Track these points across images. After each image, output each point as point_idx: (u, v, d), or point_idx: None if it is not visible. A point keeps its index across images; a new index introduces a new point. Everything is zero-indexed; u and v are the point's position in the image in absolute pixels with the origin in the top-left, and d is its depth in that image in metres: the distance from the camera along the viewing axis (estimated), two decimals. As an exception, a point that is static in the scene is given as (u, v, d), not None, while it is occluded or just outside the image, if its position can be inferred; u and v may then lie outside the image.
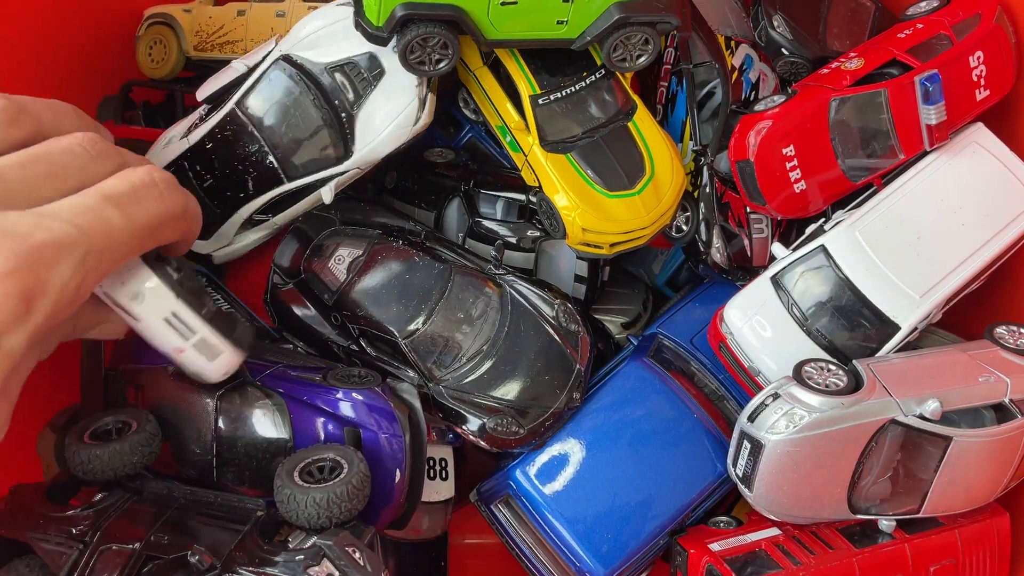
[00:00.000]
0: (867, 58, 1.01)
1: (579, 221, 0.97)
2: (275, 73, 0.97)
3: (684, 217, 1.07)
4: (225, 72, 1.00)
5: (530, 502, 0.99)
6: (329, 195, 0.98)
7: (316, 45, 0.96)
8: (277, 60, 0.97)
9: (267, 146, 0.98)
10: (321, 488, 0.78)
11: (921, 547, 0.92)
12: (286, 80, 0.97)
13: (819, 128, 0.99)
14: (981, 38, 1.00)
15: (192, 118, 1.04)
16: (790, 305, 0.98)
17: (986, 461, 0.91)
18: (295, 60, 0.97)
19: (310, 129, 0.97)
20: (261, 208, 1.01)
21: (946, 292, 0.96)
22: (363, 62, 0.96)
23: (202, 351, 0.79)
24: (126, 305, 0.74)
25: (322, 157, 0.97)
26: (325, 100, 0.96)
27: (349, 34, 0.95)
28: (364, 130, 0.96)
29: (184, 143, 1.01)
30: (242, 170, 0.99)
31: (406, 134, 0.96)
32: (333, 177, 0.98)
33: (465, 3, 0.89)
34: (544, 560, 1.00)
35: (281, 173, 0.98)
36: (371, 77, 0.96)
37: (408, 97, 0.95)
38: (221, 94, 1.00)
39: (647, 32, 0.94)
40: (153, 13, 1.21)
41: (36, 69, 1.13)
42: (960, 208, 0.99)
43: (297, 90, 0.96)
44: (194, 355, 0.79)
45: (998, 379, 0.91)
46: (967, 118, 1.02)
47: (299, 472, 0.80)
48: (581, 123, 1.00)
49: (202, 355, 0.79)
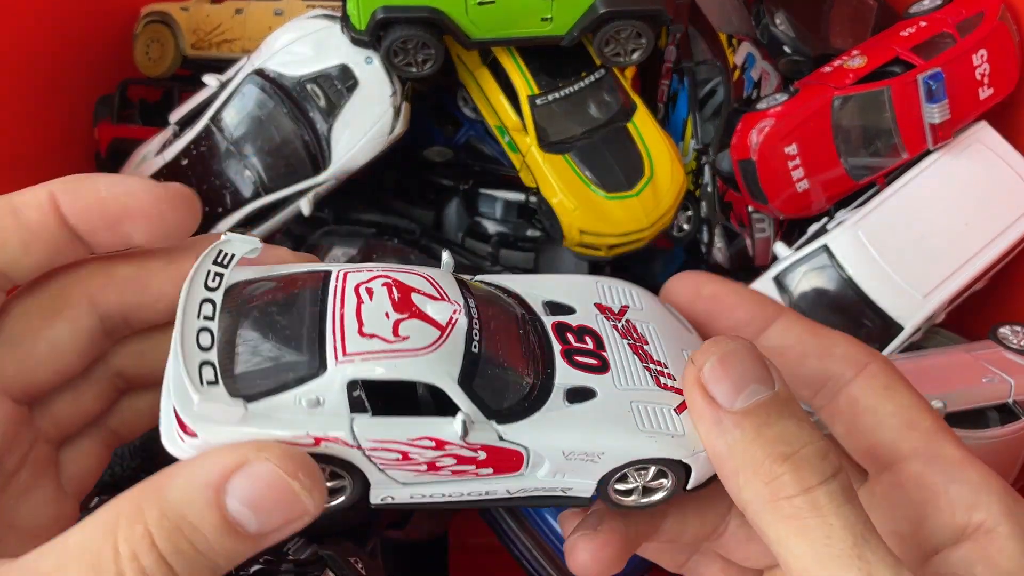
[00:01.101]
0: (870, 56, 1.00)
1: (576, 223, 0.96)
2: (248, 87, 0.97)
3: (686, 216, 1.07)
4: (199, 94, 1.01)
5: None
6: (308, 207, 0.98)
7: (288, 58, 0.96)
8: (250, 74, 0.97)
9: (243, 160, 0.97)
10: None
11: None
12: (259, 94, 0.97)
13: (822, 127, 0.98)
14: (985, 36, 0.99)
15: (165, 135, 1.04)
16: (793, 305, 0.97)
17: (990, 462, 0.90)
18: (268, 74, 0.97)
19: (285, 142, 0.97)
20: (239, 223, 1.01)
21: (950, 292, 0.95)
22: (336, 73, 0.96)
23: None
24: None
25: (299, 169, 0.97)
26: (300, 113, 0.96)
27: (321, 46, 0.96)
28: (339, 141, 0.96)
29: (160, 160, 1.01)
30: (219, 185, 0.99)
31: (382, 144, 0.96)
32: (311, 189, 0.97)
33: (442, 4, 0.89)
34: (544, 562, 0.99)
35: (258, 187, 0.98)
36: (344, 88, 0.96)
37: (383, 107, 0.95)
38: (194, 113, 1.00)
39: (637, 25, 0.93)
40: (150, 11, 1.21)
41: (33, 68, 1.13)
42: (964, 207, 0.98)
43: (271, 103, 0.96)
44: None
45: (1002, 380, 0.90)
46: (971, 117, 1.01)
47: None
48: (580, 124, 0.99)
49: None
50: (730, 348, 0.40)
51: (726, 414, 0.39)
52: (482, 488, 0.42)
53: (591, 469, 0.42)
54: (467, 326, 0.41)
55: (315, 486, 0.37)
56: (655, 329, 0.47)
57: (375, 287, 0.42)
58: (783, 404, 0.39)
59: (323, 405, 0.39)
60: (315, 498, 0.37)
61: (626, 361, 0.44)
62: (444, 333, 0.40)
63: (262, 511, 0.36)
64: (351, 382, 0.39)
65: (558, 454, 0.41)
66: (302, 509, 0.37)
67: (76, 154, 1.21)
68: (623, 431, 0.41)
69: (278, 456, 0.36)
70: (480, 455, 0.40)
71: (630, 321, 0.47)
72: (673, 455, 0.42)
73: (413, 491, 0.42)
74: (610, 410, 0.42)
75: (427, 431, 0.39)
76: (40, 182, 0.44)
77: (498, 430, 0.40)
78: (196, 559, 0.35)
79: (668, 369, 0.44)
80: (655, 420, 0.42)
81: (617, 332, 0.46)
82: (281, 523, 0.37)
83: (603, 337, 0.45)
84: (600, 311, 0.47)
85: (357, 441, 0.39)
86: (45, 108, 1.16)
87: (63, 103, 1.19)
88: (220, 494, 0.36)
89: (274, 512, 0.37)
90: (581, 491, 0.43)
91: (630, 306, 0.48)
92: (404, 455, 0.40)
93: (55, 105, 1.17)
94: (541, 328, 0.45)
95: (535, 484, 0.42)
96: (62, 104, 1.18)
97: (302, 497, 0.37)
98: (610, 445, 0.41)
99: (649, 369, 0.44)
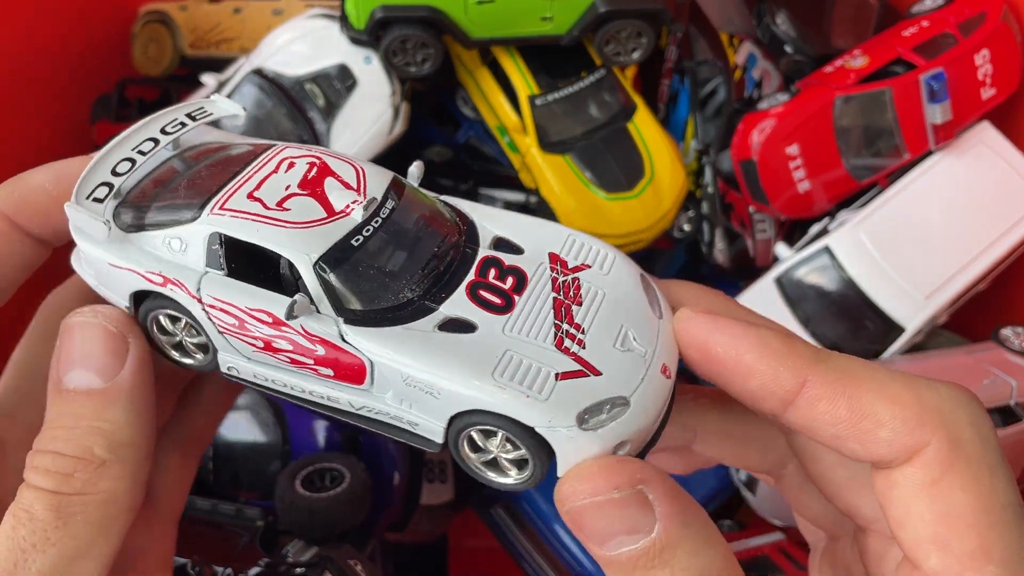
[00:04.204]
0: (872, 56, 0.99)
1: (576, 223, 0.96)
2: (247, 87, 0.97)
3: (687, 217, 1.06)
4: (197, 93, 1.01)
5: (530, 505, 0.98)
6: None
7: (287, 58, 0.96)
8: (248, 74, 0.97)
9: None
10: (323, 498, 0.77)
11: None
12: (258, 93, 0.96)
13: (823, 127, 0.98)
14: (987, 36, 0.98)
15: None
16: (794, 306, 0.97)
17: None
18: (266, 73, 0.96)
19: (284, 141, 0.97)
20: None
21: (951, 294, 0.95)
22: (335, 73, 0.96)
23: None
24: None
25: None
26: (298, 112, 0.96)
27: (320, 46, 0.96)
28: (339, 141, 0.96)
29: None
30: None
31: (381, 143, 0.96)
32: None
33: (441, 3, 0.88)
34: (543, 564, 0.99)
35: None
36: (343, 88, 0.96)
37: (382, 107, 0.95)
38: None
39: (638, 24, 0.93)
40: (149, 10, 1.20)
41: (32, 67, 1.12)
42: (966, 208, 0.98)
43: (270, 103, 0.96)
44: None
45: (1003, 382, 0.90)
46: (973, 117, 1.01)
47: (300, 481, 0.79)
48: (580, 124, 0.99)
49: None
50: (594, 501, 0.34)
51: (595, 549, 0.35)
52: (325, 392, 0.41)
53: (433, 406, 0.38)
54: (362, 220, 0.40)
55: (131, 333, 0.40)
56: (603, 297, 0.41)
57: (299, 163, 0.42)
58: (657, 554, 0.33)
59: (183, 252, 0.40)
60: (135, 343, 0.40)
61: (536, 311, 0.39)
62: (330, 218, 0.39)
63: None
64: (213, 234, 0.39)
65: (398, 376, 0.38)
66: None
67: (74, 153, 1.18)
68: (471, 371, 0.37)
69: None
70: (318, 350, 0.39)
71: (578, 280, 0.42)
72: (522, 417, 0.36)
73: (257, 370, 0.42)
74: (476, 349, 0.38)
75: (266, 304, 0.39)
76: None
77: (341, 328, 0.38)
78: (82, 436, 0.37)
79: (584, 337, 0.39)
80: (520, 374, 0.37)
81: (551, 284, 0.41)
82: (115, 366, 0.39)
83: (529, 282, 0.41)
84: (551, 260, 0.42)
85: (200, 294, 0.40)
86: (44, 107, 1.15)
87: (62, 102, 1.18)
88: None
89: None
90: (428, 432, 0.40)
91: (592, 267, 0.43)
92: (241, 322, 0.40)
93: (54, 104, 1.17)
94: (466, 256, 0.42)
95: (382, 407, 0.40)
96: (61, 103, 1.18)
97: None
98: (450, 382, 0.37)
99: (558, 327, 0.39)
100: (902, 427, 0.35)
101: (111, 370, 0.39)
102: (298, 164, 0.42)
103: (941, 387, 0.36)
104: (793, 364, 0.36)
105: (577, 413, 0.36)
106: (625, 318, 0.40)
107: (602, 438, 0.36)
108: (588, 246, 0.44)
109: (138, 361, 0.39)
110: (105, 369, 0.39)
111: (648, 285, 0.43)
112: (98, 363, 0.39)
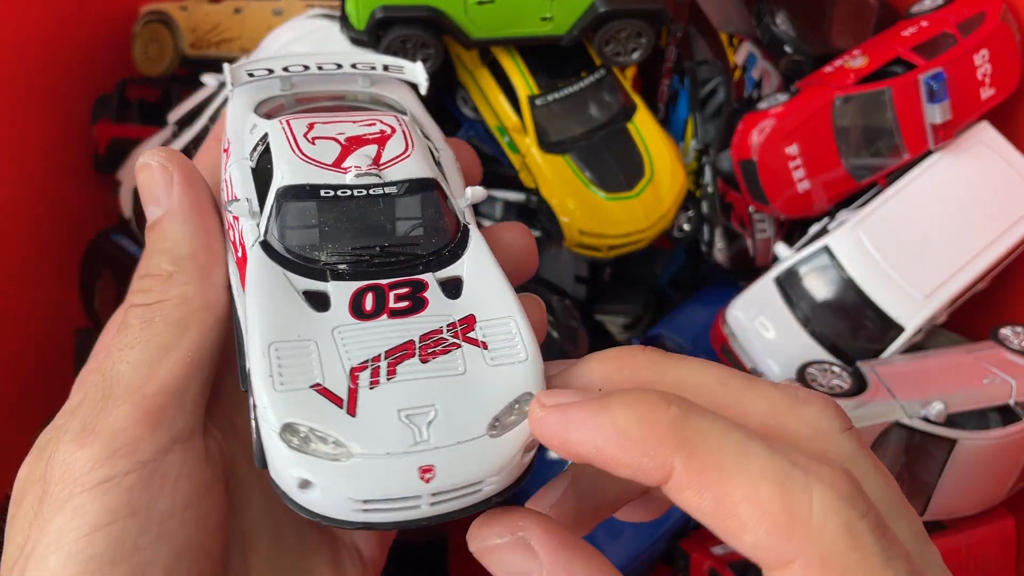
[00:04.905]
0: (871, 56, 1.00)
1: (576, 224, 0.96)
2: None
3: (686, 217, 1.06)
4: (198, 94, 1.01)
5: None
6: None
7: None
8: None
9: None
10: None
11: (925, 551, 0.91)
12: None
13: (823, 127, 0.98)
14: (986, 36, 0.99)
15: (164, 134, 1.03)
16: (793, 306, 0.97)
17: (991, 464, 0.90)
18: None
19: None
20: None
21: (951, 293, 0.95)
22: None
23: None
24: None
25: None
26: None
27: (320, 46, 0.95)
28: None
29: None
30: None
31: None
32: None
33: (441, 3, 0.88)
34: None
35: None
36: None
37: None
38: (193, 112, 1.00)
39: (638, 24, 0.93)
40: (149, 10, 1.20)
41: (31, 67, 1.12)
42: (965, 208, 0.98)
43: None
44: None
45: (1003, 381, 0.90)
46: (972, 117, 1.01)
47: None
48: (580, 124, 0.99)
49: None
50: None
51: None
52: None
53: (243, 351, 0.41)
54: (348, 183, 0.42)
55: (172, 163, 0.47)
56: (454, 376, 0.38)
57: (375, 127, 0.46)
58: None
59: (251, 133, 0.48)
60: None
61: (380, 336, 0.38)
62: (329, 167, 0.43)
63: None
64: (265, 133, 0.46)
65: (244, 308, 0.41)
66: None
67: (74, 153, 1.20)
68: (266, 336, 0.37)
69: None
70: (239, 252, 0.43)
71: (457, 346, 0.39)
72: (257, 393, 0.36)
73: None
74: (296, 325, 0.38)
75: (242, 196, 0.44)
76: (38, 181, 0.46)
77: (255, 248, 0.42)
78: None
79: (383, 384, 0.36)
80: (293, 361, 0.37)
81: (429, 330, 0.39)
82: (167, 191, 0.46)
83: (413, 317, 0.40)
84: (463, 320, 0.40)
85: (228, 169, 0.48)
86: (43, 107, 1.15)
87: (61, 102, 1.18)
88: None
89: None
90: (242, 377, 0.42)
91: (487, 350, 0.40)
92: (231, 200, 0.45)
93: (53, 104, 1.17)
94: (402, 270, 0.41)
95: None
96: (60, 103, 1.18)
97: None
98: (248, 335, 0.38)
99: (376, 359, 0.37)
100: (766, 538, 0.31)
101: (164, 199, 0.45)
102: (374, 127, 0.45)
103: (816, 488, 0.31)
104: (656, 453, 0.33)
105: (288, 422, 0.35)
106: (447, 406, 0.37)
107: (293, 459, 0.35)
108: (515, 338, 0.40)
109: (182, 185, 0.46)
110: (160, 199, 0.45)
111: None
112: (155, 196, 0.46)
